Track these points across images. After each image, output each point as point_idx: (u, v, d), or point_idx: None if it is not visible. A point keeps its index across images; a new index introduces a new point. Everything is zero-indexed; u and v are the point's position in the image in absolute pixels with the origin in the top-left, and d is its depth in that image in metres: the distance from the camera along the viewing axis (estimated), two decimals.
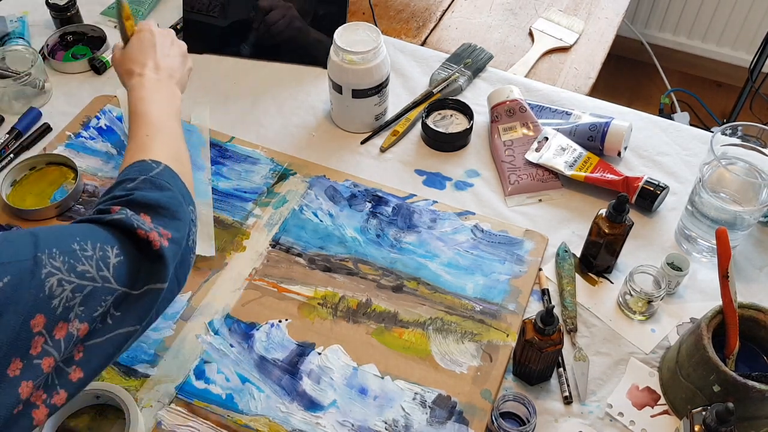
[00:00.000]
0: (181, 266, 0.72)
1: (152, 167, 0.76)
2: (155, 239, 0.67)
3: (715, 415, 0.70)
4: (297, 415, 0.84)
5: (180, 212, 0.72)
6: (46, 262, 0.59)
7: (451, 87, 1.21)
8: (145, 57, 0.93)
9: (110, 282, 0.63)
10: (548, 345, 0.81)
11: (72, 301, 0.59)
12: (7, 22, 1.30)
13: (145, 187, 0.72)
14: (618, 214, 0.90)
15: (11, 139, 1.13)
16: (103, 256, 0.63)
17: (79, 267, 0.61)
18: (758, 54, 1.99)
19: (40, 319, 0.57)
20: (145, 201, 0.70)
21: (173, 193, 0.73)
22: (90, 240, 0.63)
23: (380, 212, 1.04)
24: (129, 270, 0.65)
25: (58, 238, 0.62)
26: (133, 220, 0.67)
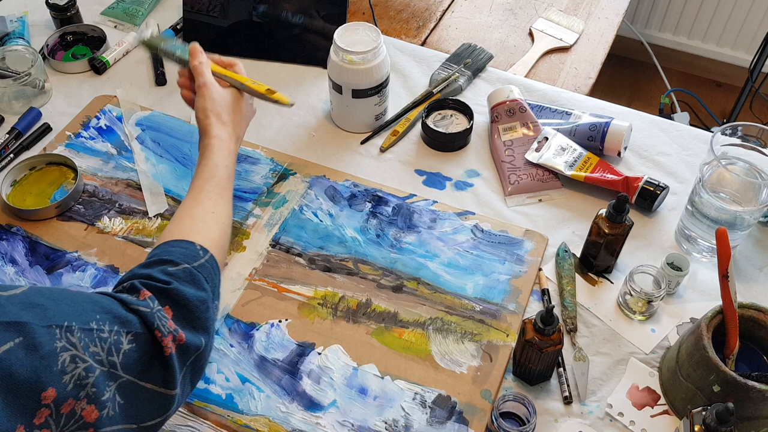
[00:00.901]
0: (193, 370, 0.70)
1: (198, 256, 0.75)
2: (168, 345, 0.66)
3: (715, 415, 0.70)
4: (297, 415, 0.84)
5: (202, 318, 0.71)
6: (62, 335, 0.58)
7: (451, 87, 1.21)
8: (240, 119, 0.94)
9: (116, 368, 0.62)
10: (548, 345, 0.81)
11: (85, 380, 0.59)
12: (7, 22, 1.30)
13: (184, 277, 0.71)
14: (618, 214, 0.90)
15: (11, 139, 1.13)
16: (116, 341, 0.62)
17: (92, 347, 0.60)
18: (758, 54, 1.99)
19: (52, 392, 0.56)
20: (178, 298, 0.69)
21: (206, 295, 0.72)
22: (109, 321, 0.63)
23: (380, 212, 1.04)
24: (140, 360, 0.64)
25: (79, 311, 0.61)
26: (155, 318, 0.66)
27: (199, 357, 0.70)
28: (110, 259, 0.99)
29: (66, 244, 1.00)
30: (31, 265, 0.98)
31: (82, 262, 0.98)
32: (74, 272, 0.97)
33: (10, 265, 0.98)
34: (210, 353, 0.73)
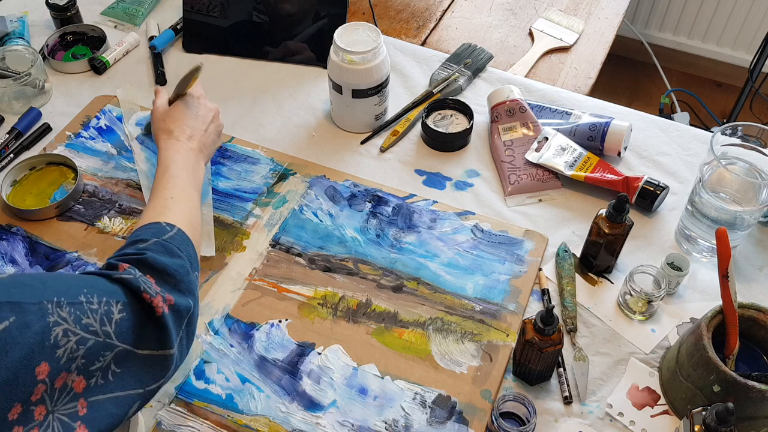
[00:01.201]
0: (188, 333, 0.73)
1: (166, 230, 0.78)
2: (158, 305, 0.68)
3: (715, 415, 0.70)
4: (297, 415, 0.84)
5: (186, 281, 0.74)
6: (53, 310, 0.59)
7: (451, 87, 1.21)
8: (185, 123, 0.99)
9: (111, 338, 0.63)
10: (548, 345, 0.81)
11: (76, 352, 0.60)
12: (7, 22, 1.30)
13: (156, 249, 0.74)
14: (618, 214, 0.90)
15: (11, 139, 1.13)
16: (107, 311, 0.64)
17: (84, 319, 0.61)
18: (758, 54, 1.99)
19: (45, 367, 0.57)
20: (155, 264, 0.72)
21: (182, 261, 0.75)
22: (97, 293, 0.64)
23: (380, 212, 1.04)
24: (133, 328, 0.66)
25: (66, 287, 0.62)
26: (140, 282, 0.68)
27: (191, 319, 0.73)
28: None
29: (66, 244, 1.00)
30: (31, 265, 0.98)
31: (82, 262, 0.98)
32: (74, 272, 0.97)
33: (10, 265, 0.98)
34: (198, 317, 0.76)
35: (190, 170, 0.93)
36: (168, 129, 0.97)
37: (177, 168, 0.91)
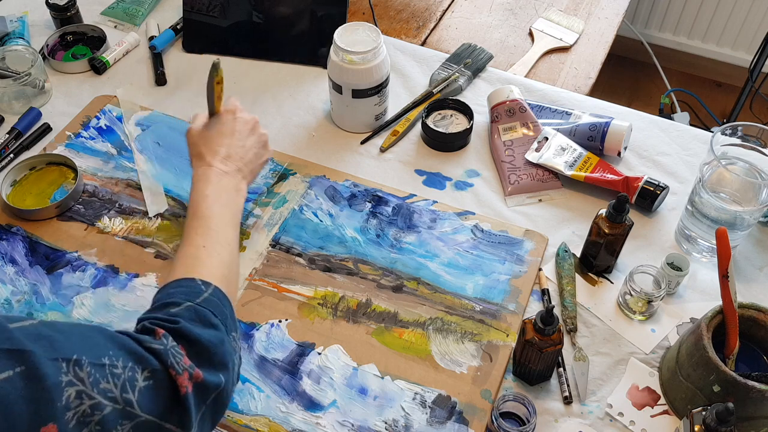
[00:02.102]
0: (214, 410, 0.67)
1: (200, 291, 0.72)
2: (183, 384, 0.63)
3: (715, 415, 0.70)
4: (297, 415, 0.84)
5: (219, 354, 0.68)
6: (70, 369, 0.56)
7: (451, 87, 1.21)
8: (218, 143, 0.90)
9: (132, 407, 0.59)
10: (548, 345, 0.81)
11: (89, 417, 0.56)
12: (7, 22, 1.30)
13: (189, 316, 0.69)
14: (618, 214, 0.90)
15: (11, 139, 1.13)
16: (131, 377, 0.60)
17: (103, 384, 0.57)
18: (758, 54, 1.99)
19: (52, 428, 0.53)
20: (187, 335, 0.66)
21: (217, 332, 0.69)
22: (123, 357, 0.60)
23: (380, 212, 1.04)
24: (157, 398, 0.61)
25: (91, 345, 0.59)
26: (169, 356, 0.63)
27: (220, 395, 0.67)
28: (110, 259, 0.99)
29: (66, 244, 1.00)
30: (31, 265, 0.98)
31: (82, 262, 0.98)
32: (74, 272, 0.97)
33: (10, 265, 0.98)
34: (233, 390, 0.70)
35: (224, 203, 0.85)
36: (199, 153, 0.89)
37: (208, 205, 0.83)
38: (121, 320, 0.92)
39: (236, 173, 0.90)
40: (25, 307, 0.93)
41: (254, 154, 0.94)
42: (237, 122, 0.94)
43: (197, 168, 0.89)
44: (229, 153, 0.90)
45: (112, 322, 0.92)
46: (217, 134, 0.91)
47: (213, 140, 0.91)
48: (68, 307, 0.93)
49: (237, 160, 0.91)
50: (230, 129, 0.93)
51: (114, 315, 0.93)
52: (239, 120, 0.94)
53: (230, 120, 0.93)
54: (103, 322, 0.92)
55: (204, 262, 0.77)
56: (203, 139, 0.91)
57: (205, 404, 0.65)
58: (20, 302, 0.94)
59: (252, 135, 0.95)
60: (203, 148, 0.90)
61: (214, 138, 0.91)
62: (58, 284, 0.96)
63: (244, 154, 0.92)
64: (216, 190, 0.85)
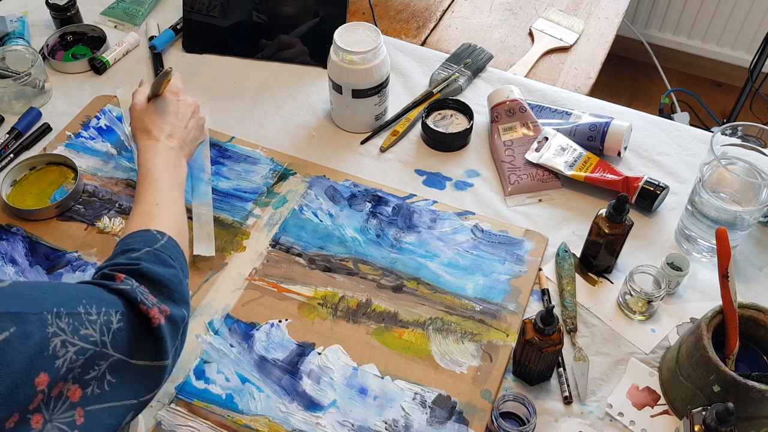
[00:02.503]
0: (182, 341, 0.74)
1: (157, 239, 0.78)
2: (155, 316, 0.69)
3: (715, 415, 0.70)
4: (297, 415, 0.84)
5: (179, 291, 0.75)
6: (52, 321, 0.59)
7: (451, 87, 1.21)
8: (163, 121, 0.97)
9: (107, 347, 0.64)
10: (548, 345, 0.81)
11: (75, 363, 0.60)
12: (7, 22, 1.30)
13: (149, 259, 0.75)
14: (618, 214, 0.90)
15: (11, 139, 1.13)
16: (107, 320, 0.64)
17: (83, 330, 0.62)
18: (758, 54, 1.99)
19: (44, 377, 0.58)
20: (149, 275, 0.72)
21: (175, 271, 0.76)
22: (95, 303, 0.64)
23: (380, 212, 1.04)
24: (128, 338, 0.66)
25: (66, 297, 0.63)
26: (137, 293, 0.68)
27: (185, 328, 0.74)
28: None
29: (66, 244, 1.00)
30: (31, 265, 0.98)
31: (82, 262, 0.98)
32: (74, 272, 0.97)
33: (10, 265, 0.98)
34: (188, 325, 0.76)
35: (172, 171, 0.92)
36: (146, 128, 0.96)
37: (158, 170, 0.90)
38: None
39: (179, 150, 0.96)
40: None
41: (193, 136, 1.01)
42: (180, 104, 1.00)
43: (144, 141, 0.95)
44: (172, 131, 0.97)
45: None
46: (163, 113, 0.98)
47: (159, 118, 0.97)
48: None
49: (179, 138, 0.97)
50: (174, 110, 0.99)
51: None
52: (182, 102, 1.01)
53: (174, 101, 1.00)
54: None
55: (158, 216, 0.83)
56: (149, 116, 0.97)
57: (176, 338, 0.72)
58: None
59: (193, 118, 1.01)
60: (150, 124, 0.96)
61: (160, 116, 0.98)
62: None
63: (185, 135, 0.99)
64: (164, 160, 0.93)
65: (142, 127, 0.97)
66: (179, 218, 0.87)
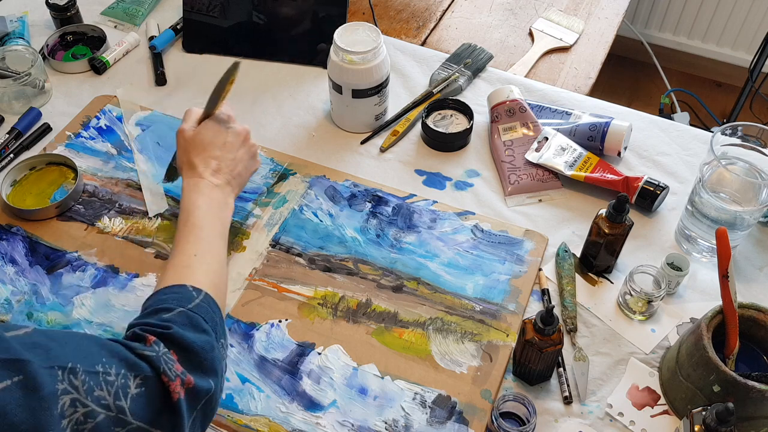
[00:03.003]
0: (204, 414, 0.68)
1: (192, 297, 0.74)
2: (175, 390, 0.64)
3: (715, 415, 0.70)
4: (297, 415, 0.84)
5: (209, 359, 0.69)
6: (65, 377, 0.56)
7: (451, 87, 1.21)
8: (209, 154, 0.91)
9: (125, 414, 0.60)
10: (548, 345, 0.81)
11: (83, 425, 0.57)
12: (7, 22, 1.30)
13: (181, 321, 0.70)
14: (618, 214, 0.90)
15: (11, 139, 1.13)
16: (124, 384, 0.61)
17: (97, 391, 0.58)
18: (758, 54, 1.99)
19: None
20: (180, 340, 0.68)
21: (208, 337, 0.70)
22: (116, 364, 0.61)
23: (380, 212, 1.04)
24: (148, 406, 0.62)
25: (85, 353, 0.60)
26: (161, 361, 0.64)
27: (210, 400, 0.68)
28: (110, 259, 0.99)
29: (66, 244, 1.00)
30: (31, 265, 0.98)
31: (82, 262, 0.98)
32: (74, 272, 0.97)
33: (10, 265, 0.98)
34: (221, 394, 0.71)
35: (215, 214, 0.87)
36: (191, 162, 0.90)
37: (200, 215, 0.85)
38: (121, 320, 0.92)
39: (225, 186, 0.91)
40: (25, 307, 0.93)
41: (243, 166, 0.95)
42: (229, 134, 0.94)
43: (189, 178, 0.90)
44: (219, 166, 0.91)
45: (112, 322, 0.92)
46: (210, 145, 0.92)
47: (205, 150, 0.91)
48: (68, 307, 0.93)
49: (227, 173, 0.92)
50: (222, 140, 0.93)
51: (114, 315, 0.93)
52: (231, 132, 0.95)
53: (222, 131, 0.94)
54: (103, 322, 0.92)
55: (195, 270, 0.78)
56: (195, 147, 0.92)
57: (197, 409, 0.66)
58: (20, 302, 0.94)
59: (243, 147, 0.95)
60: (195, 157, 0.91)
61: (207, 148, 0.92)
62: (58, 284, 0.96)
63: (234, 166, 0.93)
64: (207, 202, 0.87)
65: (187, 161, 0.91)
66: (218, 270, 0.81)
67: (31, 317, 0.92)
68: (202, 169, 0.90)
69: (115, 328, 0.91)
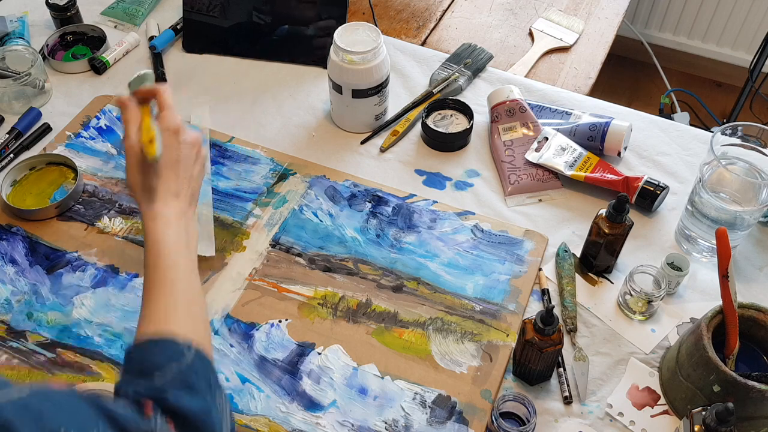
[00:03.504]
0: None
1: (182, 354, 0.67)
2: None
3: (715, 415, 0.70)
4: (297, 415, 0.84)
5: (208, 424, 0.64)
6: None
7: (451, 87, 1.21)
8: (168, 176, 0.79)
9: None
10: (548, 345, 0.81)
11: None
12: (7, 22, 1.30)
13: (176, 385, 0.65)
14: (618, 214, 0.90)
15: (11, 139, 1.13)
16: None
17: None
18: (758, 54, 1.99)
19: None
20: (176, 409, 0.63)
21: (203, 401, 0.65)
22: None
23: (380, 212, 1.04)
24: None
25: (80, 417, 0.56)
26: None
27: None
28: (110, 259, 0.99)
29: (66, 244, 1.00)
30: (31, 265, 0.98)
31: (82, 262, 0.98)
32: (74, 272, 0.97)
33: (10, 265, 0.98)
34: None
35: (186, 243, 0.78)
36: (150, 187, 0.78)
37: (170, 253, 0.75)
38: (121, 320, 0.92)
39: (188, 209, 0.81)
40: (25, 307, 0.93)
41: (198, 182, 0.84)
42: (183, 147, 0.81)
43: (149, 208, 0.78)
44: (179, 188, 0.80)
45: (112, 322, 0.92)
46: (166, 164, 0.80)
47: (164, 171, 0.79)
48: (68, 307, 0.93)
49: (187, 194, 0.82)
50: (176, 157, 0.80)
51: (114, 315, 0.93)
52: (185, 144, 0.81)
53: (175, 146, 0.81)
54: (103, 322, 0.92)
55: (177, 318, 0.72)
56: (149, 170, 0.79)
57: None
58: (20, 302, 0.94)
59: (198, 162, 0.84)
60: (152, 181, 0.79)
61: (164, 168, 0.79)
62: (58, 284, 0.96)
63: (193, 185, 0.83)
64: (175, 235, 0.77)
65: (145, 186, 0.79)
66: (200, 313, 0.75)
67: (31, 317, 0.92)
68: (164, 193, 0.79)
69: (115, 328, 0.91)
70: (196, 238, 0.82)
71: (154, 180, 0.79)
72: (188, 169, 0.82)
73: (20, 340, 0.90)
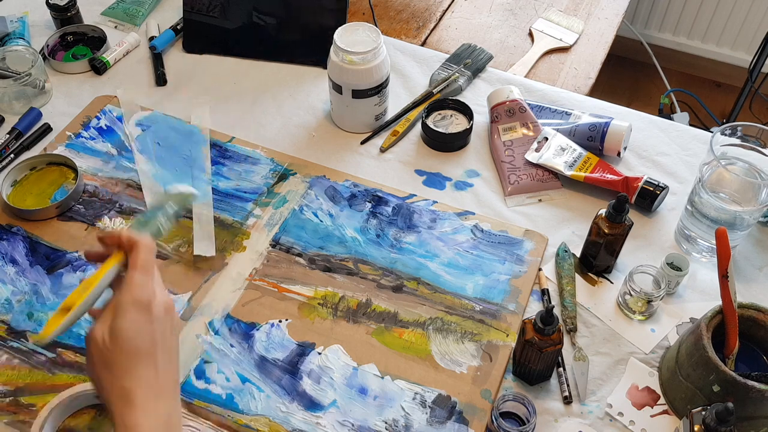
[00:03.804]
0: None
1: None
2: None
3: (714, 415, 0.71)
4: (297, 415, 0.84)
5: None
6: None
7: (451, 87, 1.21)
8: (145, 371, 0.63)
9: None
10: (548, 345, 0.81)
11: None
12: (7, 22, 1.30)
13: None
14: (618, 214, 0.90)
15: (11, 139, 1.13)
16: None
17: None
18: (758, 54, 1.99)
19: None
20: None
21: None
22: None
23: (380, 212, 1.04)
24: None
25: None
26: None
27: None
28: None
29: (66, 244, 1.00)
30: (32, 265, 0.98)
31: (83, 263, 0.98)
32: (74, 272, 0.97)
33: (10, 265, 0.98)
34: None
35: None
36: (123, 389, 0.61)
37: None
38: None
39: (172, 400, 0.66)
40: (26, 307, 0.93)
41: (177, 354, 0.68)
42: (157, 321, 0.65)
43: (126, 414, 0.61)
44: (161, 385, 0.64)
45: None
46: (137, 352, 0.63)
47: (137, 361, 0.63)
48: None
49: (170, 380, 0.65)
50: (149, 336, 0.64)
51: None
52: (158, 319, 0.65)
53: (146, 322, 0.64)
54: None
55: None
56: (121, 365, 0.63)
57: None
58: (20, 302, 0.94)
59: (173, 334, 0.67)
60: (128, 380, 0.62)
61: (137, 358, 0.63)
62: (59, 284, 0.96)
63: (174, 360, 0.67)
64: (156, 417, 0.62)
65: (117, 388, 0.62)
66: None
67: (32, 317, 0.92)
68: (141, 396, 0.62)
69: None
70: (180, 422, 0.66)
71: (127, 379, 0.62)
72: (168, 352, 0.65)
73: (20, 340, 0.90)
